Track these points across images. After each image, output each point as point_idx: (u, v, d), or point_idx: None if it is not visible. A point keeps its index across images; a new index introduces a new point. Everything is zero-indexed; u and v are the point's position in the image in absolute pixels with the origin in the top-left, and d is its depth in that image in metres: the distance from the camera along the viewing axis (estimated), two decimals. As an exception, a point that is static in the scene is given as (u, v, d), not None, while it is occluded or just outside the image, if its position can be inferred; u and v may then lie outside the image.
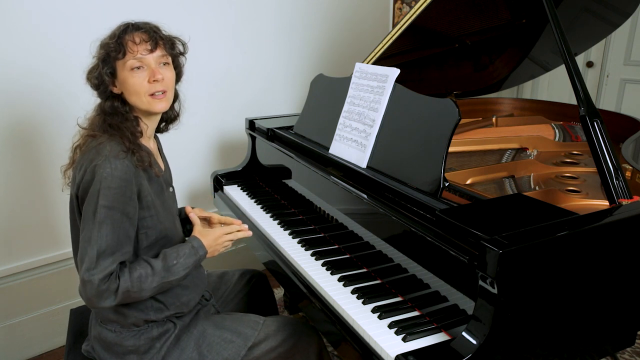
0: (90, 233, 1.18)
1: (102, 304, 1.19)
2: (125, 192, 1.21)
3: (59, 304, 2.24)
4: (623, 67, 3.11)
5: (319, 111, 1.86)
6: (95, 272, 1.16)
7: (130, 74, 1.26)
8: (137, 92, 1.27)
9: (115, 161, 1.20)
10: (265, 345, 1.39)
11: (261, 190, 2.08)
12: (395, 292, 1.32)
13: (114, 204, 1.19)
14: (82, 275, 1.17)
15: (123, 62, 1.26)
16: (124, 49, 1.25)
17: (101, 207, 1.18)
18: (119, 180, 1.19)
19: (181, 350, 1.34)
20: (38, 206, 2.11)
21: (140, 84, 1.26)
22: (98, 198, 1.18)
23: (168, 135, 1.53)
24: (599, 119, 1.30)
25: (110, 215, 1.19)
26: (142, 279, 1.22)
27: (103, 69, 1.26)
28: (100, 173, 1.18)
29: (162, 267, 1.25)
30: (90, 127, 1.30)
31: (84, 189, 1.22)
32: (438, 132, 1.34)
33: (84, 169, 1.22)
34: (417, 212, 1.26)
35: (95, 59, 1.30)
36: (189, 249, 1.31)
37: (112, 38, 1.27)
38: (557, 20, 1.42)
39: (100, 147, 1.23)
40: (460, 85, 2.39)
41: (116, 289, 1.18)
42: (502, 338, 1.02)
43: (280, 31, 2.75)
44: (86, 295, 1.19)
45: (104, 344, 1.34)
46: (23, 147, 2.02)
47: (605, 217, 1.14)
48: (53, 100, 2.04)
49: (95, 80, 1.29)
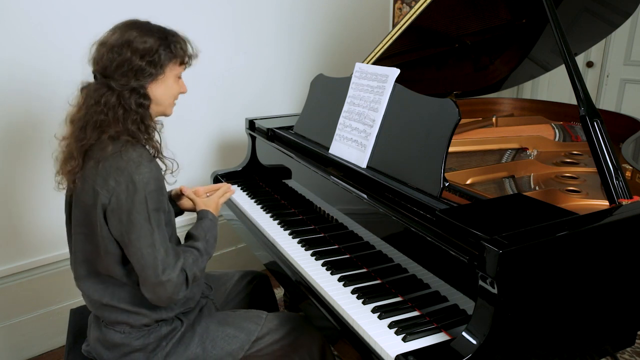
0: (152, 238, 1.19)
1: (179, 295, 1.23)
2: (163, 191, 1.24)
3: (59, 304, 2.24)
4: (623, 67, 3.11)
5: (319, 111, 1.86)
6: (172, 271, 1.20)
7: (176, 81, 1.32)
8: (170, 97, 1.32)
9: (148, 164, 1.20)
10: (269, 339, 1.41)
11: (261, 190, 2.08)
12: (395, 292, 1.32)
13: (159, 205, 1.22)
14: (160, 279, 1.18)
15: (176, 65, 1.29)
16: (185, 56, 1.30)
17: (152, 211, 1.19)
18: (157, 181, 1.22)
19: (185, 347, 1.35)
20: (38, 206, 2.11)
21: (178, 90, 1.34)
22: (147, 204, 1.18)
23: (168, 135, 1.53)
24: (599, 119, 1.30)
25: (159, 215, 1.22)
26: (197, 263, 1.29)
27: (162, 55, 1.24)
28: (140, 180, 1.17)
29: (202, 245, 1.33)
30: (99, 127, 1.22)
31: (121, 199, 1.17)
32: (438, 132, 1.34)
33: (115, 180, 1.18)
34: (417, 212, 1.26)
35: (153, 40, 1.23)
36: (208, 221, 1.41)
37: (177, 39, 1.28)
38: (557, 20, 1.43)
39: (124, 153, 1.19)
40: (460, 85, 2.39)
41: (186, 279, 1.24)
42: (502, 338, 1.02)
43: (280, 31, 2.75)
44: (166, 294, 1.20)
45: (108, 344, 1.34)
46: (23, 147, 2.02)
47: (605, 217, 1.14)
48: (52, 101, 2.03)
49: (142, 63, 1.21)
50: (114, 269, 1.27)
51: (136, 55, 1.21)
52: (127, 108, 1.22)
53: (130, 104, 1.22)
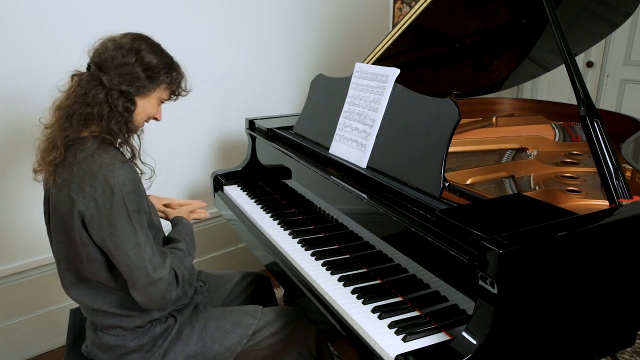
0: (136, 239, 1.18)
1: (172, 294, 1.23)
2: (141, 191, 1.24)
3: (59, 304, 2.24)
4: (623, 67, 3.11)
5: (319, 111, 1.86)
6: (162, 270, 1.21)
7: (157, 103, 1.34)
8: (145, 115, 1.33)
9: (122, 165, 1.20)
10: (266, 332, 1.42)
11: (261, 190, 2.08)
12: (395, 292, 1.32)
13: (139, 206, 1.21)
14: (152, 277, 1.18)
15: (166, 91, 1.32)
16: (178, 88, 1.35)
17: (132, 212, 1.19)
18: (133, 181, 1.21)
19: (184, 344, 1.35)
20: (38, 207, 2.10)
21: (154, 113, 1.35)
22: (126, 206, 1.18)
23: (168, 135, 1.53)
24: (599, 119, 1.30)
25: (140, 216, 1.22)
26: (183, 262, 1.30)
27: (161, 76, 1.28)
28: (115, 182, 1.17)
29: (184, 246, 1.35)
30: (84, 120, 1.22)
31: (99, 204, 1.17)
32: (438, 132, 1.34)
33: (90, 184, 1.17)
34: (417, 212, 1.26)
35: (159, 59, 1.27)
36: (184, 225, 1.44)
37: (179, 71, 1.33)
38: (557, 20, 1.43)
39: (96, 157, 1.19)
40: (460, 85, 2.39)
41: (176, 277, 1.25)
42: (502, 338, 1.02)
43: (280, 31, 2.75)
44: (159, 294, 1.20)
45: (104, 347, 1.34)
46: (22, 146, 2.02)
47: (605, 217, 1.14)
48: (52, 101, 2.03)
49: (142, 74, 1.25)
50: (99, 275, 1.26)
51: (140, 65, 1.24)
52: (113, 108, 1.22)
53: (117, 105, 1.23)
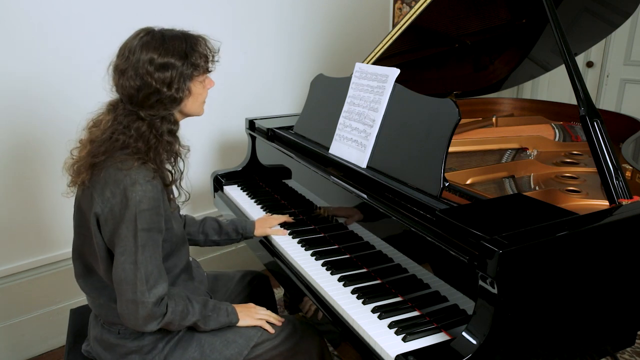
0: (135, 256, 1.17)
1: (148, 327, 1.20)
2: (158, 211, 1.21)
3: (59, 304, 2.24)
4: (623, 67, 3.11)
5: (319, 111, 1.86)
6: (149, 295, 1.18)
7: (203, 87, 1.30)
8: (201, 103, 1.31)
9: (144, 184, 1.17)
10: (268, 345, 1.39)
11: (261, 190, 2.08)
12: (395, 292, 1.32)
13: (152, 225, 1.19)
14: (136, 297, 1.17)
15: (198, 76, 1.27)
16: (207, 63, 1.28)
17: (141, 230, 1.17)
18: (152, 200, 1.18)
19: (183, 350, 1.34)
20: (38, 207, 2.11)
21: (205, 95, 1.32)
22: (136, 222, 1.16)
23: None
24: (599, 119, 1.30)
25: (150, 236, 1.19)
26: (184, 315, 1.26)
27: (186, 78, 1.23)
28: (133, 197, 1.16)
29: (199, 311, 1.29)
30: (121, 148, 1.21)
31: (115, 211, 1.17)
32: (438, 132, 1.34)
33: (111, 191, 1.17)
34: (417, 212, 1.26)
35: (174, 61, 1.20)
36: (224, 310, 1.36)
37: (196, 47, 1.24)
38: (557, 20, 1.43)
39: (125, 164, 1.18)
40: (460, 85, 2.39)
41: (164, 315, 1.22)
42: (502, 338, 1.02)
43: (280, 31, 2.75)
44: (136, 315, 1.18)
45: (105, 344, 1.34)
46: (25, 147, 2.02)
47: (605, 217, 1.14)
48: (53, 101, 2.03)
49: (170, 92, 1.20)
50: (106, 275, 1.27)
51: (162, 86, 1.19)
52: (158, 137, 1.22)
53: (162, 132, 1.23)
